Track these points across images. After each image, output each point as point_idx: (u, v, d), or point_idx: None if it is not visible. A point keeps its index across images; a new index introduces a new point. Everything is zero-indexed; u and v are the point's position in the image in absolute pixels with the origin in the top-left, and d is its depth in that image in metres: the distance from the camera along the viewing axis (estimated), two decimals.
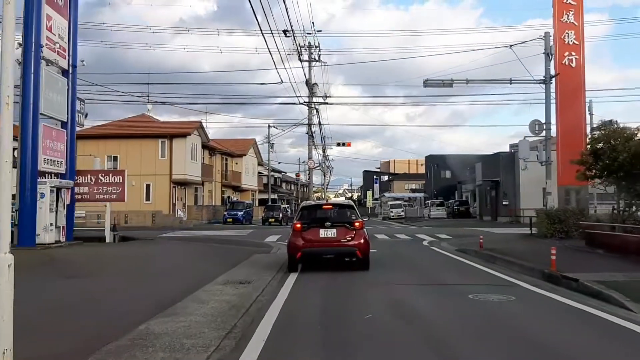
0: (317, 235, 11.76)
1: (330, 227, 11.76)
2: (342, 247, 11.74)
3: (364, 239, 11.86)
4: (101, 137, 39.19)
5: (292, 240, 12.00)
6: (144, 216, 36.26)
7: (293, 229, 12.23)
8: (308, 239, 11.76)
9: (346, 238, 11.70)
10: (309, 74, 37.27)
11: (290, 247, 11.99)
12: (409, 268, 12.77)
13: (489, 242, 18.81)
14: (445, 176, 67.58)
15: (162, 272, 12.65)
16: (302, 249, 11.73)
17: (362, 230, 11.98)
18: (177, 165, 38.79)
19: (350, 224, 11.88)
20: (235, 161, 52.49)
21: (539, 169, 38.07)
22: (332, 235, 11.74)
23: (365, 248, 11.85)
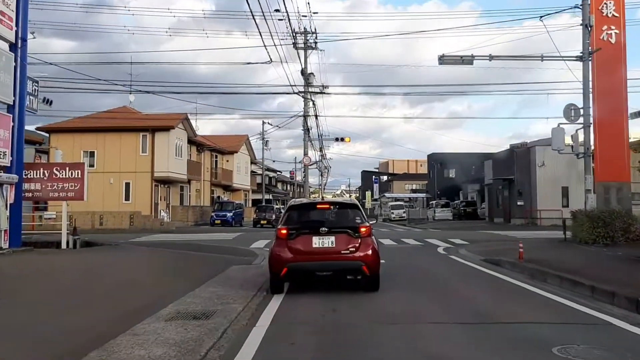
0: (310, 244, 8.55)
1: (327, 233, 8.55)
2: (342, 260, 8.54)
3: (373, 250, 8.64)
4: (77, 130, 35.85)
5: (275, 252, 8.73)
6: (121, 218, 32.85)
7: (276, 235, 8.93)
8: (297, 249, 8.56)
9: (348, 249, 8.53)
10: (305, 63, 34.06)
11: (273, 261, 8.72)
12: (433, 289, 9.42)
13: (515, 250, 15.51)
14: (448, 175, 64.33)
15: (102, 294, 9.32)
16: (288, 264, 8.52)
17: (369, 237, 8.77)
18: (160, 162, 35.40)
19: (354, 229, 8.67)
20: (226, 159, 49.10)
21: (557, 166, 34.90)
22: (330, 244, 8.53)
23: (374, 262, 8.62)
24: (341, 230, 8.58)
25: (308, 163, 36.09)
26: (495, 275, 10.99)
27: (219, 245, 19.40)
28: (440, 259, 14.76)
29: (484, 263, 13.31)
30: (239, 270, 12.09)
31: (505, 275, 11.00)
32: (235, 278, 10.83)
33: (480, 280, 10.45)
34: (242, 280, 10.57)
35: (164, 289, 9.69)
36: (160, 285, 10.26)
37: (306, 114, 33.11)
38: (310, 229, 8.60)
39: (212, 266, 13.00)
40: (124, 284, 10.41)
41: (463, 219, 47.00)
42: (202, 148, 43.64)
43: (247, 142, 53.71)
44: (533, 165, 33.92)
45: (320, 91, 33.12)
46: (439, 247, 18.51)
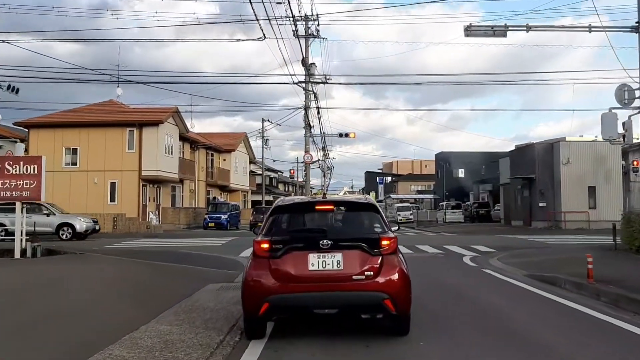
0: (304, 266, 5.52)
1: (330, 249, 5.52)
2: (355, 291, 5.47)
3: (401, 274, 5.57)
4: (58, 125, 32.93)
5: (250, 277, 5.66)
6: (103, 221, 29.87)
7: (254, 252, 5.83)
8: (284, 274, 5.52)
9: (363, 273, 5.47)
10: (306, 52, 31.14)
11: (247, 292, 5.67)
12: (486, 330, 6.39)
13: (566, 262, 12.58)
14: (457, 175, 61.28)
15: (10, 330, 6.43)
16: (270, 297, 5.48)
17: (395, 255, 5.70)
18: (148, 160, 32.43)
19: (371, 242, 5.62)
20: (223, 157, 46.15)
21: (583, 163, 31.75)
22: (335, 266, 5.50)
23: (403, 293, 5.56)
24: (352, 245, 5.57)
25: (309, 161, 33.17)
26: (563, 304, 7.96)
27: (203, 254, 16.47)
28: (472, 274, 11.75)
29: (532, 281, 10.32)
30: (213, 292, 9.11)
31: (575, 302, 7.99)
32: (204, 306, 7.88)
33: (547, 312, 7.42)
34: (213, 309, 7.64)
35: (99, 323, 6.87)
36: (99, 316, 7.37)
37: (307, 107, 30.20)
38: (306, 242, 5.61)
39: (182, 285, 10.10)
40: (54, 313, 7.48)
41: (476, 221, 43.96)
42: (196, 145, 40.69)
43: (246, 140, 50.73)
44: (557, 162, 30.85)
45: (323, 81, 30.19)
46: (464, 256, 15.52)
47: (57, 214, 24.55)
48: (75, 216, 25.14)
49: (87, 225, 24.56)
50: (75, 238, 23.71)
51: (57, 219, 24.14)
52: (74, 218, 24.70)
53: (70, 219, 24.57)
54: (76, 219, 24.63)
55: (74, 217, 24.83)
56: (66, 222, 24.13)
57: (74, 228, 23.99)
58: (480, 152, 62.19)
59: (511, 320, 6.87)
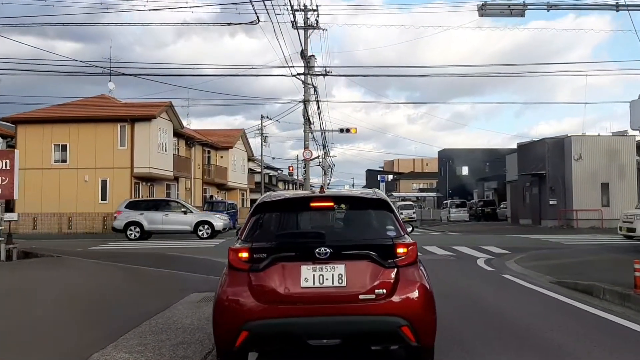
0: (295, 282, 4.17)
1: (329, 259, 4.18)
2: (362, 315, 4.10)
3: (422, 292, 4.23)
4: (47, 121, 31.50)
5: (225, 297, 4.28)
6: (93, 220, 28.58)
7: (229, 263, 4.40)
8: (269, 292, 4.16)
9: (374, 291, 4.13)
10: (305, 44, 29.80)
11: (221, 317, 4.26)
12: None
13: (594, 266, 11.31)
14: (461, 173, 59.92)
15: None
16: (249, 323, 4.10)
17: (415, 267, 4.35)
18: (141, 156, 31.03)
19: (383, 250, 4.27)
20: (220, 155, 44.74)
21: (596, 159, 30.40)
22: (336, 282, 4.15)
23: (426, 317, 4.20)
24: (359, 253, 4.24)
25: (309, 158, 31.83)
26: (611, 321, 6.60)
27: (193, 257, 15.15)
28: (491, 281, 10.38)
29: (562, 289, 8.97)
30: (193, 305, 7.75)
31: (623, 318, 6.65)
32: (178, 324, 6.54)
33: (595, 333, 6.05)
34: (188, 328, 6.30)
35: (39, 352, 5.48)
36: (42, 341, 6.02)
37: (307, 100, 28.84)
38: (298, 249, 4.28)
39: (159, 295, 8.77)
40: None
41: (481, 220, 42.67)
42: (192, 142, 39.30)
43: (244, 137, 49.33)
44: (568, 158, 29.47)
45: (323, 74, 28.82)
46: (477, 258, 14.16)
47: (194, 212, 24.54)
48: (213, 214, 25.43)
49: (224, 223, 24.37)
50: (212, 236, 23.41)
51: (195, 217, 23.96)
52: (212, 216, 24.67)
53: (209, 217, 24.49)
54: (214, 216, 24.57)
55: (212, 215, 24.86)
56: (205, 220, 23.83)
57: (213, 226, 23.66)
58: (484, 149, 60.90)
59: (554, 345, 5.50)
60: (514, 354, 5.26)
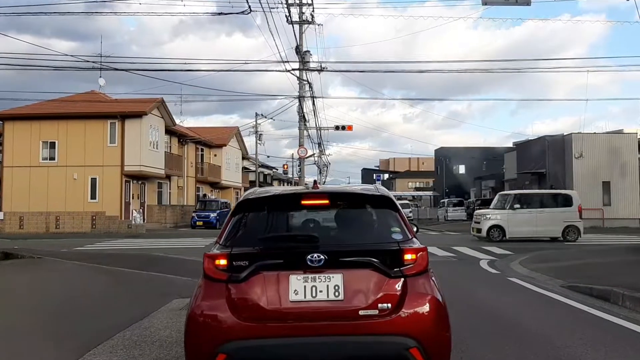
0: (282, 294, 3.43)
1: (323, 267, 3.44)
2: (363, 335, 3.35)
3: (434, 307, 3.50)
4: (35, 117, 30.70)
5: (198, 312, 3.51)
6: (81, 219, 27.78)
7: (204, 272, 3.64)
8: (251, 307, 3.42)
9: (376, 306, 3.40)
10: (300, 39, 29.13)
11: (193, 337, 3.49)
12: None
13: (605, 269, 10.71)
14: (458, 172, 59.29)
15: None
16: (228, 344, 3.35)
17: (426, 277, 3.63)
18: (131, 154, 30.24)
19: (388, 256, 3.54)
20: (214, 153, 43.95)
21: (597, 157, 29.84)
22: (332, 294, 3.42)
23: (439, 336, 3.46)
24: (359, 261, 3.55)
25: (304, 155, 31.16)
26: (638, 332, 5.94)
27: (181, 258, 14.42)
28: (498, 285, 9.71)
29: (575, 294, 8.30)
30: (174, 313, 7.04)
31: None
32: (155, 336, 5.85)
33: (624, 349, 5.37)
34: (165, 342, 5.61)
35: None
36: (1, 353, 5.30)
37: (301, 96, 28.15)
38: (286, 256, 3.59)
39: (139, 301, 8.07)
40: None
41: None
42: (184, 140, 38.52)
43: (238, 135, 48.53)
44: (569, 156, 28.86)
45: (318, 69, 28.11)
46: (479, 260, 13.52)
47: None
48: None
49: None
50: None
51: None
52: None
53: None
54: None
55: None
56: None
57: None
58: (481, 148, 60.30)
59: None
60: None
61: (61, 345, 5.57)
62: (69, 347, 5.43)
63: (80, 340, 5.68)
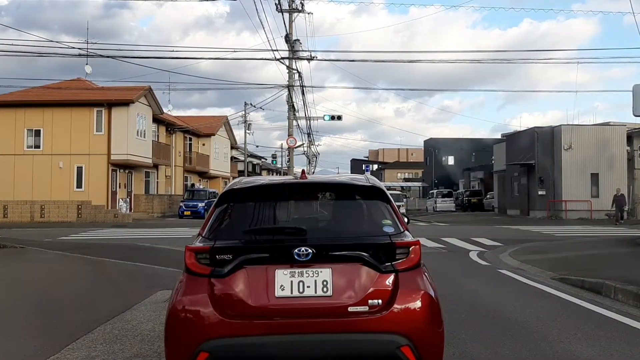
0: (267, 290, 3.25)
1: (311, 261, 3.27)
2: (352, 332, 3.19)
3: (426, 303, 3.34)
4: (19, 105, 30.23)
5: (179, 308, 3.31)
6: (67, 208, 27.41)
7: (186, 266, 3.43)
8: (234, 303, 3.24)
9: (366, 302, 3.25)
10: (290, 27, 28.84)
11: (173, 334, 3.31)
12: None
13: (597, 261, 10.66)
14: (447, 163, 59.35)
15: None
16: (209, 342, 3.18)
17: (418, 272, 3.45)
18: (118, 143, 29.86)
19: (379, 250, 3.37)
20: (202, 142, 43.58)
21: (586, 149, 29.84)
22: (320, 290, 3.26)
23: (431, 334, 3.31)
24: (348, 255, 3.39)
25: (293, 145, 30.93)
26: (632, 327, 5.82)
27: (167, 248, 14.21)
28: (488, 277, 9.60)
29: (566, 287, 8.21)
30: (158, 306, 6.83)
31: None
32: (137, 330, 5.66)
33: (618, 345, 5.25)
34: (147, 336, 5.43)
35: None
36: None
37: (291, 85, 27.88)
38: (271, 249, 3.43)
39: (122, 293, 7.87)
40: None
41: (468, 210, 42.11)
42: (172, 129, 38.13)
43: (227, 125, 48.16)
44: (557, 148, 28.87)
45: (308, 58, 27.84)
46: (469, 251, 13.41)
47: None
48: None
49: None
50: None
51: None
52: None
53: None
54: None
55: None
56: None
57: None
58: (470, 139, 60.42)
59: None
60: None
61: (38, 339, 5.36)
62: (46, 342, 5.23)
63: (59, 335, 5.48)
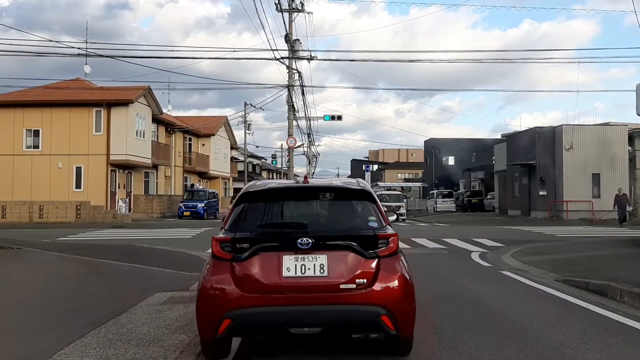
0: (277, 271, 4.27)
1: (311, 249, 4.27)
2: (342, 305, 4.20)
3: (402, 283, 4.30)
4: (18, 105, 30.11)
5: (208, 286, 4.35)
6: (65, 209, 27.26)
7: (212, 253, 4.46)
8: (252, 281, 4.27)
9: (354, 280, 4.24)
10: (289, 27, 28.72)
11: (202, 306, 4.34)
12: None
13: (601, 262, 10.53)
14: (447, 163, 59.16)
15: None
16: (231, 312, 4.22)
17: (396, 257, 4.41)
18: (117, 143, 29.73)
19: (365, 241, 4.35)
20: (202, 142, 43.43)
21: (587, 149, 29.68)
22: (318, 271, 4.25)
23: (405, 307, 4.28)
24: (340, 244, 4.31)
25: (293, 145, 30.78)
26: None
27: (165, 249, 14.09)
28: (490, 278, 9.46)
29: (571, 289, 8.08)
30: (155, 308, 6.70)
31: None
32: (132, 334, 5.50)
33: (629, 350, 5.11)
34: (142, 340, 5.29)
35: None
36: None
37: (291, 85, 27.74)
38: (280, 240, 4.35)
39: (118, 295, 7.73)
40: None
41: (468, 210, 41.96)
42: (172, 129, 37.98)
43: (227, 125, 48.01)
44: (559, 148, 28.71)
45: (308, 58, 27.71)
46: (470, 252, 13.27)
47: None
48: None
49: None
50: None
51: None
52: None
53: None
54: None
55: None
56: None
57: None
58: (470, 139, 60.27)
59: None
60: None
61: (29, 343, 5.21)
62: (37, 346, 5.08)
63: (51, 338, 5.33)
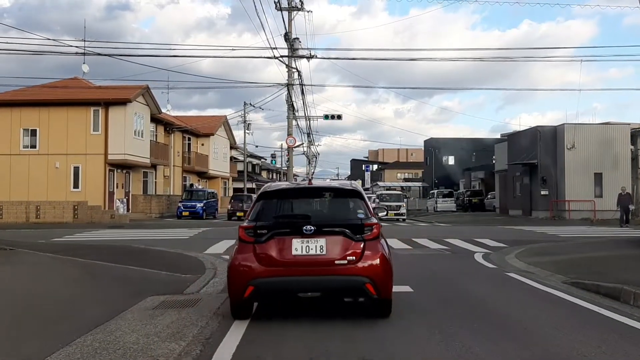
0: (288, 250, 5.70)
1: (314, 234, 5.69)
2: (337, 275, 5.65)
3: (382, 259, 5.73)
4: (15, 104, 29.80)
5: (236, 262, 5.82)
6: (62, 209, 26.95)
7: (239, 237, 5.91)
8: (269, 258, 5.69)
9: (346, 257, 5.65)
10: (289, 26, 28.41)
11: (232, 277, 5.83)
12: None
13: (607, 263, 10.26)
14: (447, 163, 58.87)
15: None
16: (254, 280, 5.65)
17: (378, 241, 5.86)
18: (115, 142, 29.43)
19: (354, 228, 5.78)
20: (201, 142, 43.12)
21: (589, 148, 29.40)
22: (318, 250, 5.68)
23: (384, 277, 5.72)
24: (335, 230, 5.77)
25: (292, 145, 30.49)
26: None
27: (162, 250, 13.78)
28: (496, 281, 9.15)
29: (581, 292, 7.78)
30: (145, 314, 6.39)
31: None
32: (119, 343, 5.21)
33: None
34: (129, 349, 5.03)
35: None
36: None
37: (290, 84, 27.44)
38: (290, 227, 5.80)
39: (108, 299, 7.46)
40: None
41: (469, 210, 41.65)
42: (171, 128, 37.68)
43: (226, 124, 47.69)
44: (560, 147, 28.42)
45: (307, 56, 27.42)
46: (473, 253, 12.97)
47: None
48: None
49: None
50: None
51: None
52: None
53: None
54: None
55: None
56: None
57: None
58: (470, 139, 60.01)
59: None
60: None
61: (7, 354, 4.90)
62: (22, 355, 4.79)
63: (31, 348, 5.00)
